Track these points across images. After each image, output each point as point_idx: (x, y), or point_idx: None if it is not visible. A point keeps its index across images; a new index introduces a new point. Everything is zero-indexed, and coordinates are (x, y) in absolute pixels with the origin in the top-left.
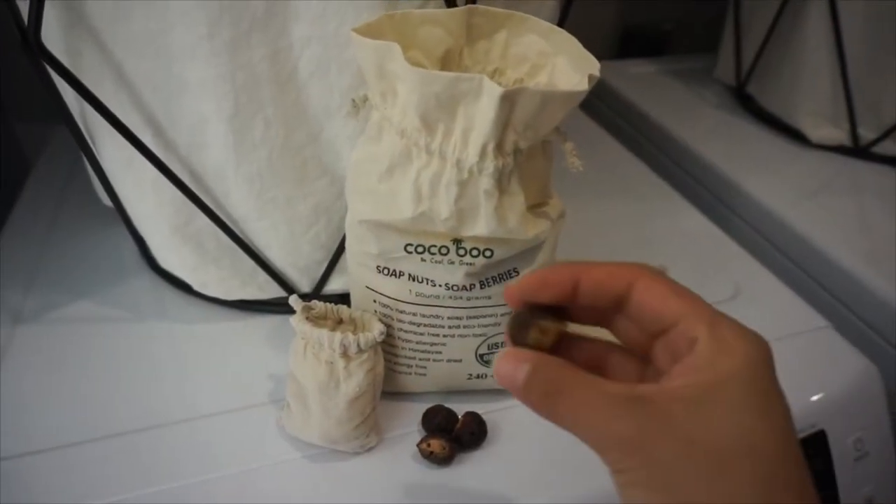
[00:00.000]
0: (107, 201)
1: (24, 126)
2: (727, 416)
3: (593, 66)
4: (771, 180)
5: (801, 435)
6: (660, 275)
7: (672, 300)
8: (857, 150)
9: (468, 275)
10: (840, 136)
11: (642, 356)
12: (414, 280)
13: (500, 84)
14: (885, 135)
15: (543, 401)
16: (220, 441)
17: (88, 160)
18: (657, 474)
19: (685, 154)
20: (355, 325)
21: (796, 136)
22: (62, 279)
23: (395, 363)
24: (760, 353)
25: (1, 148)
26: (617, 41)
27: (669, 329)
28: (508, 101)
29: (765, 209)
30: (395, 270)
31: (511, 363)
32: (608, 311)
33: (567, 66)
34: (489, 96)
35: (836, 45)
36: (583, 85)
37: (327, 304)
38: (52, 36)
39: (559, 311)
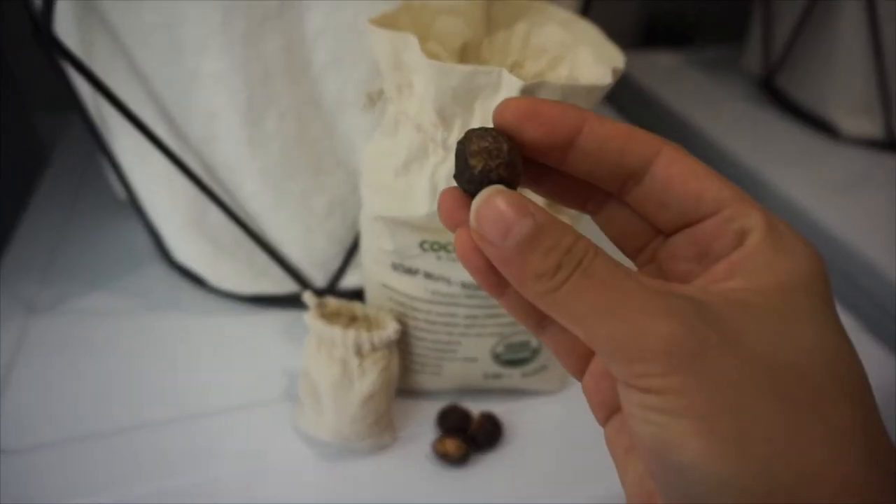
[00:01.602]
0: (122, 194)
1: (41, 117)
2: (808, 334)
3: (617, 58)
4: (800, 175)
5: None
6: (684, 150)
7: (712, 179)
8: (892, 144)
9: None
10: (874, 128)
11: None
12: (429, 278)
13: (518, 77)
14: None
15: (549, 277)
16: (232, 437)
17: (102, 152)
18: (711, 402)
19: (711, 148)
20: (370, 323)
21: (827, 129)
22: (77, 271)
23: (409, 361)
24: (820, 261)
25: (18, 139)
26: (640, 31)
27: (704, 218)
28: (528, 95)
29: (794, 205)
30: (410, 268)
31: (508, 206)
32: (602, 189)
33: (589, 58)
34: (508, 90)
35: (871, 34)
36: (606, 78)
37: (341, 300)
38: (66, 27)
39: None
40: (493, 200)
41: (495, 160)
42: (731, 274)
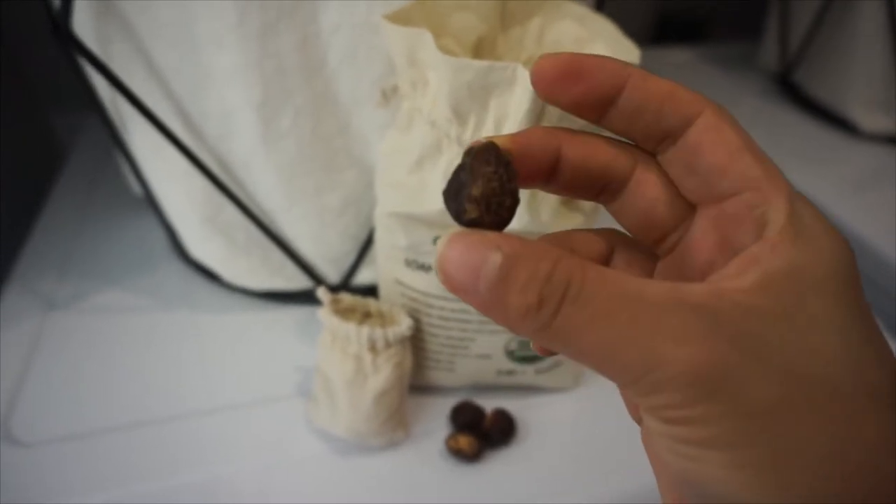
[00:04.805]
0: (138, 191)
1: (57, 117)
2: (832, 341)
3: (633, 53)
4: (818, 173)
5: None
6: (729, 115)
7: (743, 154)
8: None
9: None
10: (893, 125)
11: (654, 245)
12: None
13: None
14: None
15: (533, 314)
16: (247, 433)
17: (119, 149)
18: (741, 430)
19: None
20: (383, 319)
21: (846, 126)
22: (94, 268)
23: (423, 357)
24: (847, 254)
25: (34, 138)
26: (653, 27)
27: (727, 195)
28: None
29: (811, 203)
30: (423, 264)
31: (470, 246)
32: (616, 178)
33: (604, 53)
34: (523, 86)
35: (890, 28)
36: None
37: (355, 296)
38: (83, 24)
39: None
40: (454, 242)
41: (498, 197)
42: (748, 273)
